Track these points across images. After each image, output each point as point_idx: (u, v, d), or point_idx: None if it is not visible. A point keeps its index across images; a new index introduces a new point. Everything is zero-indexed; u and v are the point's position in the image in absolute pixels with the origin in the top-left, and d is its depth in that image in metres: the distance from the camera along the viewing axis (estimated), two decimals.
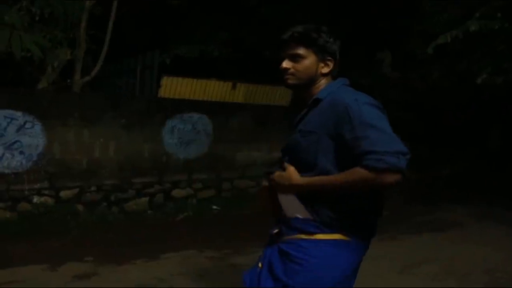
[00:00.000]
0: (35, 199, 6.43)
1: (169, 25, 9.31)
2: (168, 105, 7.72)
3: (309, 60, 2.11)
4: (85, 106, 6.85)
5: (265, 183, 2.29)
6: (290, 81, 2.14)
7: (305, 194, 2.05)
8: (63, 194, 6.67)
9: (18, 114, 6.24)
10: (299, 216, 2.08)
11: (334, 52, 2.15)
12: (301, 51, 2.11)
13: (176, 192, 7.69)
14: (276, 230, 2.19)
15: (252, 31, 9.77)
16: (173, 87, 8.27)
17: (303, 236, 2.06)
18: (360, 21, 9.78)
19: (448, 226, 6.77)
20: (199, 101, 8.30)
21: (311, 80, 2.13)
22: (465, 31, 7.17)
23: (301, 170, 2.07)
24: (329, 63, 2.14)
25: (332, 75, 2.18)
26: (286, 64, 2.13)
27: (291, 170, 2.08)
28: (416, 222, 7.05)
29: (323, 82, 2.15)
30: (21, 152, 6.28)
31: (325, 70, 2.14)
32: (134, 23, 9.07)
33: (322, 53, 2.12)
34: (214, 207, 7.79)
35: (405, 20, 9.37)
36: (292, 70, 2.12)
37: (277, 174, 2.13)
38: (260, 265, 2.22)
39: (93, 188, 6.90)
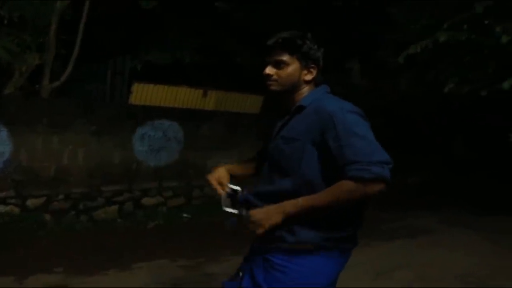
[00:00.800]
0: (0, 208, 6.22)
1: (141, 30, 9.21)
2: (138, 112, 7.62)
3: (292, 67, 2.09)
4: (54, 112, 6.70)
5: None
6: (273, 87, 2.11)
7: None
8: (30, 202, 6.48)
9: None
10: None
11: (318, 59, 2.14)
12: (285, 57, 2.08)
13: (146, 200, 7.58)
14: (258, 239, 2.14)
15: (224, 37, 9.76)
16: (144, 93, 8.17)
17: (286, 245, 2.03)
18: (331, 29, 9.88)
19: (419, 233, 6.87)
20: (170, 108, 8.23)
21: (294, 87, 2.11)
22: (434, 41, 7.33)
23: (282, 177, 2.05)
24: (312, 70, 2.12)
25: (315, 82, 2.16)
26: (269, 70, 2.10)
27: (268, 208, 1.96)
28: (388, 228, 7.14)
29: (306, 89, 2.13)
30: None
31: (308, 77, 2.12)
32: (105, 28, 8.93)
33: (305, 60, 2.10)
34: (185, 215, 7.70)
35: (375, 29, 9.52)
36: (275, 76, 2.09)
37: (254, 212, 1.98)
38: (240, 274, 2.19)
39: (61, 197, 6.74)
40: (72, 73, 7.58)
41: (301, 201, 1.91)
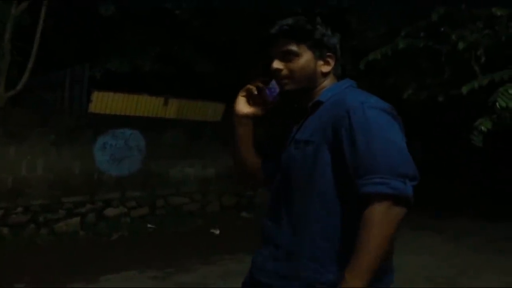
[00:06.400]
0: None
1: (99, 38, 9.01)
2: (99, 120, 7.46)
3: (304, 58, 1.71)
4: (10, 122, 6.49)
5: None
6: (288, 87, 1.72)
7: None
8: None
9: None
10: None
11: (334, 47, 1.76)
12: (293, 47, 1.70)
13: (109, 211, 7.39)
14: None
15: (183, 45, 9.68)
16: (104, 102, 7.97)
17: None
18: None
19: None
20: (131, 117, 8.07)
21: (311, 82, 1.73)
22: (393, 48, 7.50)
23: (295, 194, 1.68)
24: (329, 60, 1.74)
25: (336, 74, 1.79)
26: (277, 64, 1.72)
27: None
28: None
29: (326, 83, 1.75)
30: None
31: (326, 68, 1.74)
32: (63, 35, 8.69)
33: (319, 49, 1.72)
34: (149, 225, 7.55)
35: None
36: (285, 71, 1.72)
37: None
38: None
39: (20, 209, 6.49)
40: (29, 82, 7.31)
41: (362, 268, 1.44)
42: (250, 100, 1.82)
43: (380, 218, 1.43)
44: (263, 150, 1.91)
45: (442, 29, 7.77)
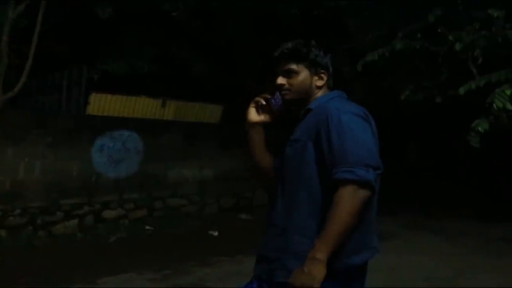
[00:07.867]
0: None
1: (97, 40, 8.99)
2: (96, 122, 7.47)
3: (302, 75, 2.14)
4: (8, 124, 6.48)
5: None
6: (288, 97, 2.16)
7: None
8: None
9: None
10: None
11: (326, 65, 2.19)
12: (293, 66, 2.14)
13: (107, 213, 7.40)
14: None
15: (182, 46, 9.68)
16: (102, 104, 7.97)
17: None
18: (288, 38, 9.93)
19: (384, 237, 6.94)
20: (129, 119, 8.07)
21: (307, 94, 2.16)
22: (391, 49, 7.51)
23: (288, 183, 2.07)
24: (322, 75, 2.17)
25: (329, 87, 2.21)
26: (280, 80, 2.16)
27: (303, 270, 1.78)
28: None
29: (319, 94, 2.17)
30: None
31: (320, 82, 2.16)
32: (60, 37, 8.67)
33: (314, 67, 2.15)
34: (147, 227, 7.56)
35: (331, 39, 9.66)
36: (287, 85, 2.15)
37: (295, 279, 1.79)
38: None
39: (17, 211, 6.49)
40: (27, 84, 7.30)
41: (327, 241, 1.78)
42: (259, 110, 2.27)
43: (346, 198, 1.80)
44: (275, 151, 2.29)
45: (439, 30, 7.77)
